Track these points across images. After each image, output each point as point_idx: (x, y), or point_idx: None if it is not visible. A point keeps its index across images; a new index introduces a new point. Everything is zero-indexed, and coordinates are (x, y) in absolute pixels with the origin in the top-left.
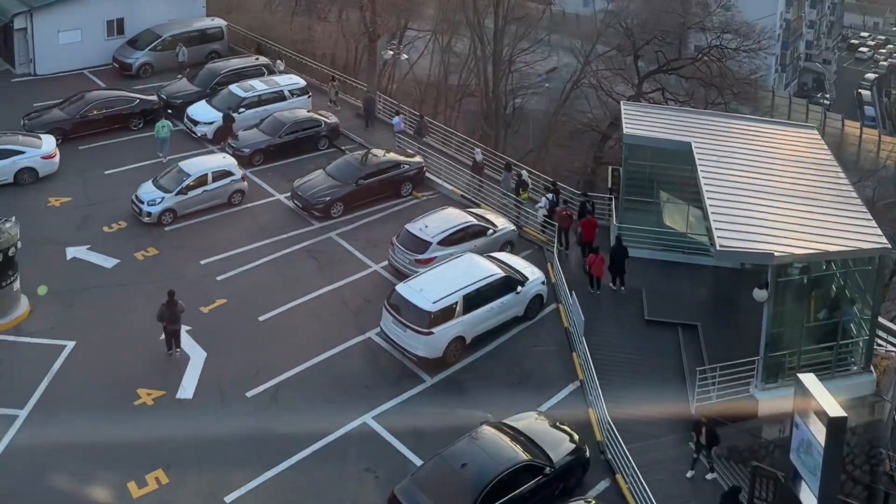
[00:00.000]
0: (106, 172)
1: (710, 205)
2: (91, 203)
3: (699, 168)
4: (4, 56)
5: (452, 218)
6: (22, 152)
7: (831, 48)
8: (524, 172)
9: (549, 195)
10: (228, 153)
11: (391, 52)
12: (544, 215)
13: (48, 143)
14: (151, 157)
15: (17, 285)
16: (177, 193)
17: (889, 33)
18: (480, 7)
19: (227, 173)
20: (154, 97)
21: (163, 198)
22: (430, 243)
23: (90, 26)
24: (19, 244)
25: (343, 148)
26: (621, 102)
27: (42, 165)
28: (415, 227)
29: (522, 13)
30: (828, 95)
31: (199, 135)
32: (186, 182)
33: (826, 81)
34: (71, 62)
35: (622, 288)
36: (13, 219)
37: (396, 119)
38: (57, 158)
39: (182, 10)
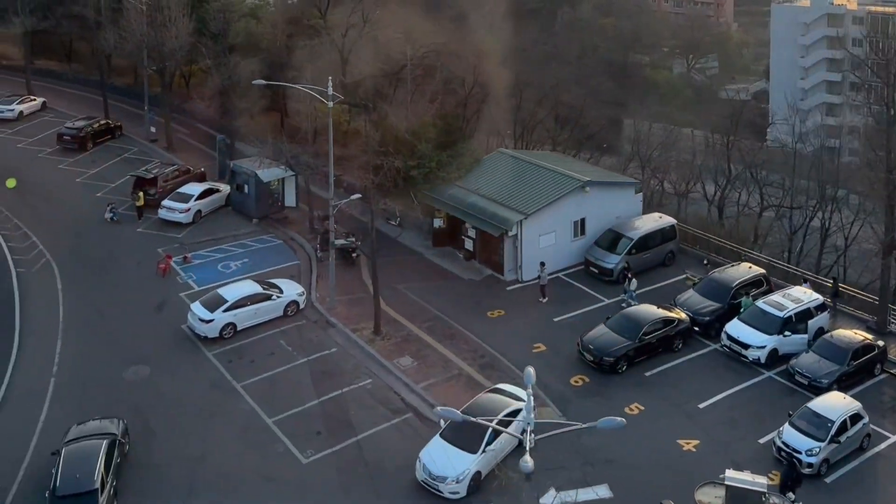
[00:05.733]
0: (700, 406)
1: None
2: (725, 452)
3: None
4: (487, 263)
5: None
6: None
7: None
8: None
9: None
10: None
11: None
12: None
13: None
14: (723, 387)
15: None
16: (829, 442)
17: None
18: None
19: (859, 417)
20: (685, 316)
21: (819, 447)
22: None
23: (561, 228)
24: None
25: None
26: None
27: None
28: None
29: None
30: None
31: (750, 359)
32: (833, 429)
33: None
34: (549, 266)
35: None
36: None
37: None
38: None
39: (626, 207)
